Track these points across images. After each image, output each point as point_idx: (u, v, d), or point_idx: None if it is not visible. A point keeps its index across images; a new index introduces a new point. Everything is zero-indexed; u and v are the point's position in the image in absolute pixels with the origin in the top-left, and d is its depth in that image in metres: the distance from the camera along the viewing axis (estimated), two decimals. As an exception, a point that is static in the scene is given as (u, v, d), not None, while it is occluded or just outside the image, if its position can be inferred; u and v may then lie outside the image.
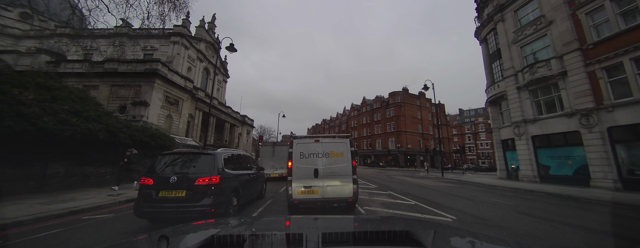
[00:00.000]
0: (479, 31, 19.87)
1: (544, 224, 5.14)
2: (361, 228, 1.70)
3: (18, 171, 6.76)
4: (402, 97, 48.54)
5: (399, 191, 9.88)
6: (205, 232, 1.48)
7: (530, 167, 14.39)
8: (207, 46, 37.42)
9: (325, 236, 1.29)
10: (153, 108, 21.48)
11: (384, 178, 17.22)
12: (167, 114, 23.47)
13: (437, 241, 1.23)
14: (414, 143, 47.13)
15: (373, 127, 54.56)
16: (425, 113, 51.34)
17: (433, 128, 52.04)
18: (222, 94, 42.29)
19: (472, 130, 70.32)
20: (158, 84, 22.01)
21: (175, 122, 24.69)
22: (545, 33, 14.28)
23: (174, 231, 1.46)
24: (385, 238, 1.36)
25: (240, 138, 43.96)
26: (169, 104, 23.70)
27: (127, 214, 5.56)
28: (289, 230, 1.64)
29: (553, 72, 13.37)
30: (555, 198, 8.99)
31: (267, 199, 7.87)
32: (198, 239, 1.23)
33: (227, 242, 1.24)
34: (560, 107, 13.45)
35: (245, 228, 1.64)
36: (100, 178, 9.57)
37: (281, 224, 1.86)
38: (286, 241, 1.33)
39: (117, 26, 26.88)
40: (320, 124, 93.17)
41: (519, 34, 15.67)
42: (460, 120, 75.96)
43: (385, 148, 48.25)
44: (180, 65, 30.49)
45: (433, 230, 1.41)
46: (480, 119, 68.83)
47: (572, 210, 6.80)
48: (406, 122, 46.64)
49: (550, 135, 13.79)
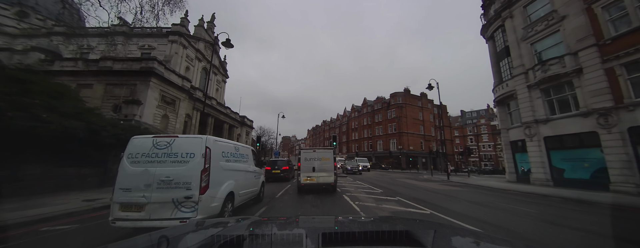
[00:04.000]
0: (485, 29, 19.21)
1: (590, 237, 4.40)
2: (361, 228, 1.71)
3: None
4: (404, 98, 47.83)
5: (408, 197, 9.12)
6: (205, 232, 1.47)
7: (542, 170, 13.62)
8: (206, 46, 36.85)
9: (325, 236, 1.25)
10: (148, 107, 20.81)
11: (388, 181, 16.46)
12: (163, 113, 22.80)
13: (437, 241, 1.22)
14: (415, 145, 46.35)
15: (374, 129, 53.79)
16: (427, 114, 50.59)
17: (435, 129, 51.26)
18: (221, 94, 41.64)
19: (474, 131, 69.46)
20: (154, 82, 21.37)
21: (172, 122, 24.00)
22: (557, 29, 13.59)
23: (174, 231, 1.49)
24: (385, 238, 1.35)
25: (239, 139, 43.25)
26: (165, 104, 23.02)
27: (97, 224, 4.81)
28: (289, 230, 1.63)
29: (567, 70, 12.66)
30: (575, 204, 8.24)
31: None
32: (198, 239, 1.25)
33: (227, 242, 1.22)
34: (575, 107, 12.71)
35: (245, 228, 1.64)
36: (82, 181, 8.84)
37: (281, 224, 1.81)
38: (286, 241, 1.35)
39: (114, 24, 26.31)
40: (321, 126, 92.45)
41: (529, 31, 14.99)
42: (462, 122, 75.13)
43: (386, 150, 47.44)
44: (178, 65, 29.89)
45: (433, 230, 1.40)
46: (482, 120, 68.01)
47: (605, 218, 6.05)
48: (408, 123, 45.88)
49: (564, 136, 13.04)
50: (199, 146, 4.26)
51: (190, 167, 4.08)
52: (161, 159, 4.09)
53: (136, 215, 3.80)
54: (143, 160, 4.10)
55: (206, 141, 4.35)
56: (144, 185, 3.90)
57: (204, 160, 4.16)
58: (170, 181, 3.96)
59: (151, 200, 3.85)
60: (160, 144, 4.21)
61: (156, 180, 3.93)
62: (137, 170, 4.02)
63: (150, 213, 3.81)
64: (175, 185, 3.96)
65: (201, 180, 4.04)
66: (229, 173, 5.11)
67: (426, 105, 51.00)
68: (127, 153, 4.19)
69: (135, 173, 3.99)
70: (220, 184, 4.62)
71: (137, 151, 4.18)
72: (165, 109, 23.05)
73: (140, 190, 3.88)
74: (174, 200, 3.91)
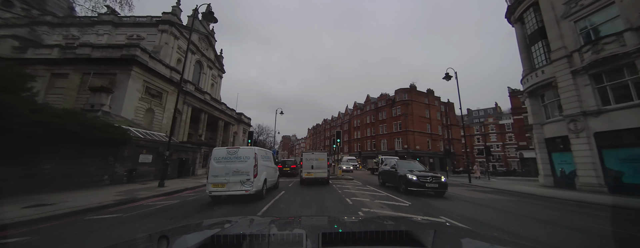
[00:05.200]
0: (511, 10, 16.76)
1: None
2: (361, 228, 1.72)
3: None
4: (410, 95, 45.28)
5: (449, 213, 6.65)
6: (205, 232, 1.48)
7: (593, 173, 11.19)
8: (200, 38, 34.48)
9: (326, 236, 1.23)
10: (129, 99, 18.54)
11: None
12: (148, 107, 20.49)
13: (437, 241, 1.21)
14: (422, 145, 43.81)
15: (377, 127, 51.33)
16: (434, 112, 47.99)
17: (442, 128, 48.74)
18: (216, 89, 39.26)
19: (481, 131, 66.82)
20: (136, 72, 19.07)
21: (158, 116, 21.69)
22: (611, 0, 11.13)
23: (174, 231, 1.51)
24: (385, 238, 1.34)
25: (235, 137, 40.93)
26: (150, 96, 20.73)
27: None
28: (289, 230, 1.64)
29: (628, 49, 10.23)
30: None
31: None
32: (198, 239, 1.24)
33: (227, 242, 1.24)
34: (637, 95, 10.28)
35: (245, 228, 1.64)
36: (19, 182, 6.50)
37: (281, 224, 1.78)
38: (286, 241, 1.37)
39: (101, 14, 23.82)
40: (321, 124, 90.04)
41: (573, 6, 12.55)
42: (469, 121, 72.42)
43: (391, 149, 44.90)
44: (169, 56, 27.54)
45: (433, 230, 1.38)
46: (490, 119, 65.33)
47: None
48: (414, 121, 43.32)
49: (622, 131, 10.62)
50: (251, 152, 7.84)
51: (248, 164, 7.54)
52: (232, 160, 7.56)
53: (221, 189, 7.21)
54: (222, 160, 7.54)
55: (255, 150, 8.04)
56: (224, 174, 7.32)
57: (255, 160, 7.71)
58: (238, 171, 7.40)
59: (229, 181, 7.25)
60: (231, 152, 7.72)
61: (231, 171, 7.37)
62: (220, 166, 7.43)
63: (228, 188, 7.21)
64: (241, 173, 7.39)
65: (253, 171, 7.53)
66: (264, 167, 8.44)
67: (433, 102, 48.42)
68: (213, 157, 7.62)
69: (219, 168, 7.40)
70: (261, 173, 8.00)
71: (219, 156, 7.63)
72: (150, 101, 20.75)
73: (222, 176, 7.29)
74: (241, 181, 7.33)
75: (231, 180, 7.13)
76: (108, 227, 4.72)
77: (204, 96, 31.73)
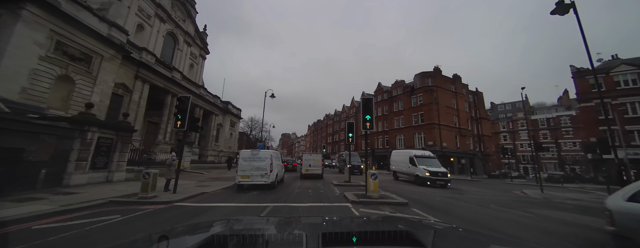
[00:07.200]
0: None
1: None
2: (361, 228, 1.73)
3: None
4: (434, 80, 37.31)
5: None
6: (205, 232, 1.46)
7: None
8: (174, 4, 27.07)
9: (325, 236, 1.23)
10: (14, 55, 11.31)
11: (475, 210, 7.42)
12: (60, 73, 13.21)
13: (437, 241, 1.20)
14: (449, 142, 35.70)
15: (392, 121, 43.47)
16: (462, 102, 39.86)
17: (471, 122, 40.70)
18: (197, 72, 31.84)
19: (508, 127, 58.40)
20: (33, 14, 11.84)
21: (84, 91, 14.33)
22: None
23: (174, 231, 1.50)
24: (385, 238, 1.33)
25: (220, 130, 33.36)
26: (66, 58, 13.40)
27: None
28: (289, 230, 1.64)
29: None
30: None
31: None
32: (198, 239, 1.23)
33: (227, 242, 1.23)
34: None
35: (246, 228, 1.65)
36: None
37: (281, 224, 1.77)
38: (286, 241, 1.35)
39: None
40: (323, 120, 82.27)
41: None
42: (493, 116, 63.95)
43: (410, 147, 37.06)
44: (124, 18, 20.19)
45: (433, 230, 1.42)
46: (519, 114, 56.89)
47: None
48: (439, 113, 35.26)
49: None
50: (268, 155, 11.39)
51: (266, 163, 11.10)
52: (255, 159, 11.09)
53: (247, 180, 10.78)
54: (248, 159, 11.06)
55: (270, 152, 11.73)
56: (249, 169, 10.86)
57: (271, 160, 11.28)
58: (259, 167, 10.92)
59: (253, 174, 10.80)
60: (254, 153, 11.38)
61: (254, 167, 10.90)
62: (246, 163, 10.97)
63: (252, 179, 10.75)
64: (261, 169, 10.92)
65: (270, 167, 11.06)
66: (276, 165, 12.31)
67: (460, 90, 40.32)
68: (241, 157, 11.17)
69: (246, 165, 10.94)
70: (275, 169, 11.75)
71: (245, 156, 11.18)
72: (67, 66, 13.41)
73: (248, 171, 10.85)
74: (261, 174, 10.84)
75: (254, 174, 10.78)
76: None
77: (171, 73, 24.15)
